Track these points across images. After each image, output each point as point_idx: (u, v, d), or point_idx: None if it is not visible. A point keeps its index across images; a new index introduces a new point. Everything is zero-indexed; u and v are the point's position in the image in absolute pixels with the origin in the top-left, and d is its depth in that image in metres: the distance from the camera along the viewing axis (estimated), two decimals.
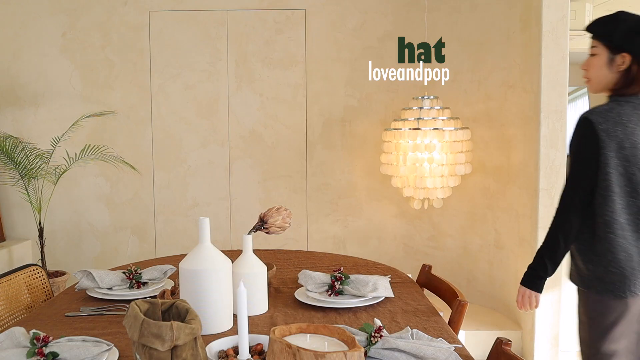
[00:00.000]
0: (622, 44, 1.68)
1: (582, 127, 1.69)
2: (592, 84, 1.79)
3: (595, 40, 1.74)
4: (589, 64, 1.77)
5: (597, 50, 1.73)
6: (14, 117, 4.08)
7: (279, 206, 2.26)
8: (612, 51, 1.70)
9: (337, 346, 1.15)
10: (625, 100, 1.71)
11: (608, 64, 1.72)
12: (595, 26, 1.74)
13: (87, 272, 1.87)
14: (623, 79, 1.70)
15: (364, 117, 4.06)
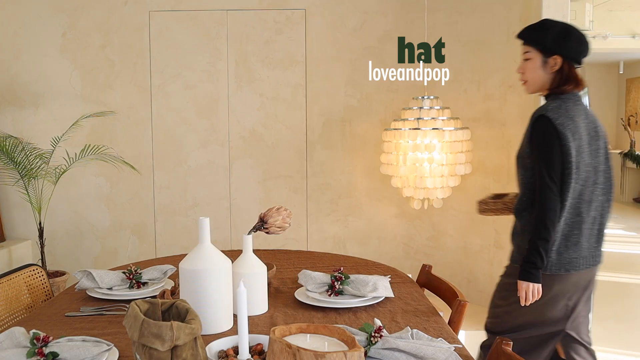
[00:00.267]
0: (553, 47, 1.89)
1: (541, 124, 1.84)
2: (528, 85, 1.98)
3: (528, 46, 1.94)
4: (524, 67, 1.95)
5: (530, 55, 1.93)
6: (14, 117, 4.08)
7: (279, 206, 2.26)
8: (544, 55, 1.91)
9: (337, 346, 1.15)
10: (567, 97, 1.90)
11: (542, 67, 1.92)
12: (527, 34, 1.94)
13: (87, 272, 1.87)
14: (558, 78, 1.91)
15: (364, 117, 4.06)
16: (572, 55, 1.91)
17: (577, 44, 1.92)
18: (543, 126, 1.84)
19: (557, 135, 1.81)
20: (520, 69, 1.98)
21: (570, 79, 1.90)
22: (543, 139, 1.84)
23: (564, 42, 1.89)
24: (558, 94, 1.91)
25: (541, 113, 1.85)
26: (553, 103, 1.88)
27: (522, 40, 1.96)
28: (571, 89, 1.90)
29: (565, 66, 1.90)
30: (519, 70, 1.98)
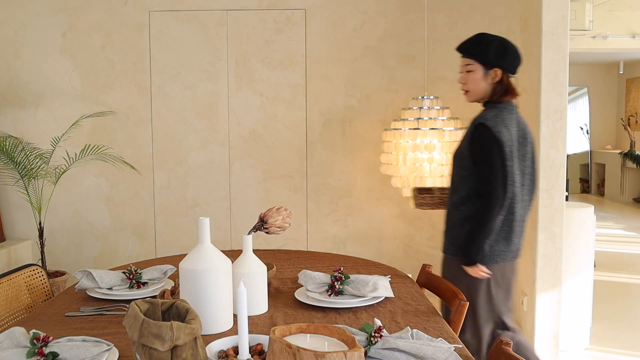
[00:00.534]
0: (494, 61, 2.08)
1: (481, 132, 2.04)
2: (470, 94, 2.17)
3: (470, 59, 2.11)
4: (466, 78, 2.14)
5: (472, 67, 2.11)
6: (14, 117, 4.08)
7: (279, 206, 2.26)
8: (486, 67, 2.10)
9: (337, 346, 1.15)
10: (503, 107, 2.10)
11: (484, 78, 2.11)
12: (469, 48, 2.12)
13: (87, 272, 1.87)
14: (498, 89, 2.11)
15: (364, 117, 4.06)
16: (510, 68, 2.11)
17: (514, 58, 2.12)
18: (483, 134, 2.03)
19: (495, 141, 2.01)
20: (462, 80, 2.15)
21: (509, 89, 2.11)
22: (483, 145, 2.03)
23: (504, 56, 2.09)
24: (496, 103, 2.11)
25: (481, 121, 2.05)
26: (491, 112, 2.09)
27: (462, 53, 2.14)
28: (508, 99, 2.11)
29: (505, 78, 2.10)
30: (461, 81, 2.16)
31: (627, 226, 7.35)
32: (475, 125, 2.07)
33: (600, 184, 9.99)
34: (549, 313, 3.14)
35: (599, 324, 3.73)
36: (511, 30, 3.47)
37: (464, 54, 2.13)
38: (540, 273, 3.12)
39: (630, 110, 9.59)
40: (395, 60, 4.04)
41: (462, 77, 2.16)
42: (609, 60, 9.27)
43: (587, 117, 10.05)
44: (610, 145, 9.95)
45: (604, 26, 6.71)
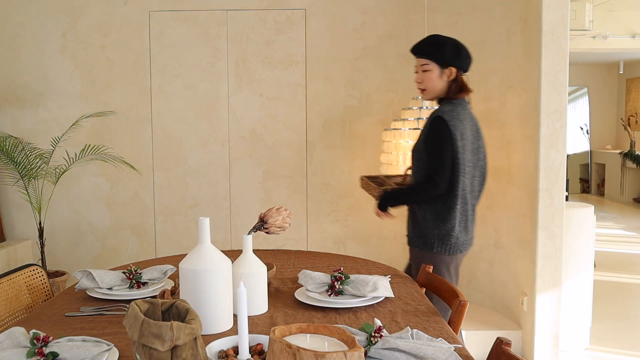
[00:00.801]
0: (450, 61, 2.26)
1: (438, 124, 2.18)
2: (427, 92, 2.31)
3: (426, 59, 2.27)
4: (423, 77, 2.29)
5: (429, 67, 2.27)
6: (14, 117, 4.09)
7: (279, 206, 2.26)
8: (441, 67, 2.26)
9: (337, 346, 1.15)
10: (458, 103, 2.27)
11: (440, 77, 2.27)
12: (426, 49, 2.27)
13: (87, 272, 1.87)
14: (453, 86, 2.27)
15: (364, 117, 4.06)
16: (463, 67, 2.30)
17: (466, 57, 2.32)
18: (439, 126, 2.18)
19: (449, 134, 2.16)
20: (419, 79, 2.30)
21: (463, 87, 2.29)
22: (438, 137, 2.18)
23: (458, 55, 2.27)
24: (451, 100, 2.27)
25: (438, 114, 2.20)
26: (447, 107, 2.24)
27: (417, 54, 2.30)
28: (462, 96, 2.29)
29: (458, 76, 2.28)
30: (418, 80, 2.30)
31: (627, 226, 7.35)
32: (433, 118, 2.21)
33: (600, 184, 9.99)
34: (549, 313, 3.14)
35: (599, 324, 3.74)
36: (511, 30, 3.47)
37: (421, 55, 2.28)
38: (540, 273, 3.12)
39: (630, 110, 9.59)
40: (395, 60, 4.04)
41: (419, 76, 2.30)
42: (609, 60, 9.27)
43: (587, 117, 10.05)
44: (610, 145, 9.95)
45: (604, 26, 6.71)
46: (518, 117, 3.40)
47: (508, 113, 3.53)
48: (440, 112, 2.21)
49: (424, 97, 2.35)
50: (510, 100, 3.51)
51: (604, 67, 9.93)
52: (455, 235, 2.23)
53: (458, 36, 3.86)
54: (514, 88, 3.45)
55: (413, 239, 2.33)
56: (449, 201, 2.20)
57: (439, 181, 2.16)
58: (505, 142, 3.56)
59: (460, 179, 2.18)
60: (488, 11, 3.66)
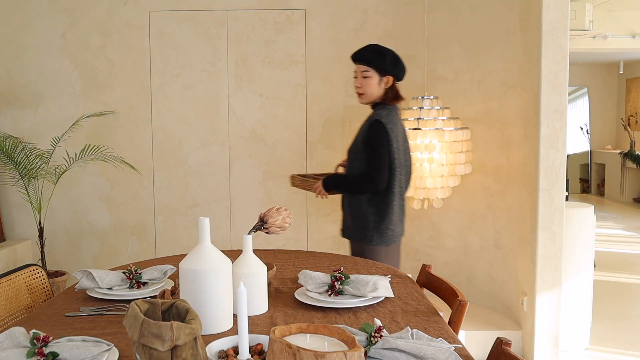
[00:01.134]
0: (389, 70, 2.45)
1: (378, 127, 2.40)
2: (365, 97, 2.50)
3: (367, 66, 2.45)
4: (363, 83, 2.48)
5: (369, 74, 2.46)
6: (14, 117, 4.09)
7: (279, 206, 2.25)
8: (380, 74, 2.46)
9: (337, 346, 1.15)
10: (392, 108, 2.50)
11: (378, 84, 2.47)
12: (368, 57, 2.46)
13: (87, 272, 1.87)
14: (389, 93, 2.49)
15: (364, 117, 4.05)
16: (400, 76, 2.50)
17: (402, 68, 2.51)
18: (378, 129, 2.39)
19: (387, 136, 2.39)
20: (359, 84, 2.49)
21: (397, 94, 2.50)
22: (377, 138, 2.39)
23: (396, 66, 2.47)
24: (386, 105, 2.48)
25: (376, 118, 2.41)
26: (384, 111, 2.45)
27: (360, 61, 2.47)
28: (396, 102, 2.50)
29: (394, 84, 2.49)
30: (357, 85, 2.49)
31: (627, 226, 7.35)
32: (372, 121, 2.42)
33: (600, 184, 9.99)
34: (549, 313, 3.14)
35: (599, 324, 3.74)
36: (511, 30, 3.47)
37: (363, 62, 2.47)
38: (540, 273, 3.12)
39: (630, 110, 9.59)
40: None
41: (359, 81, 2.49)
42: (609, 60, 9.27)
43: (587, 117, 10.05)
44: (610, 145, 9.95)
45: (604, 26, 6.71)
46: (518, 117, 3.41)
47: (508, 113, 3.53)
48: (378, 116, 2.42)
49: (360, 100, 2.54)
50: (510, 100, 3.51)
51: (604, 67, 9.93)
52: (392, 228, 2.48)
53: (458, 36, 3.88)
54: (514, 88, 3.46)
55: (353, 233, 2.53)
56: (387, 197, 2.45)
57: (380, 179, 2.39)
58: (505, 142, 3.56)
59: (397, 177, 2.44)
60: (488, 11, 3.66)
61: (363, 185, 2.44)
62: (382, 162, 2.39)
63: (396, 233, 2.52)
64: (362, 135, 2.45)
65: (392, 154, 2.41)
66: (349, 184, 2.52)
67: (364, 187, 2.44)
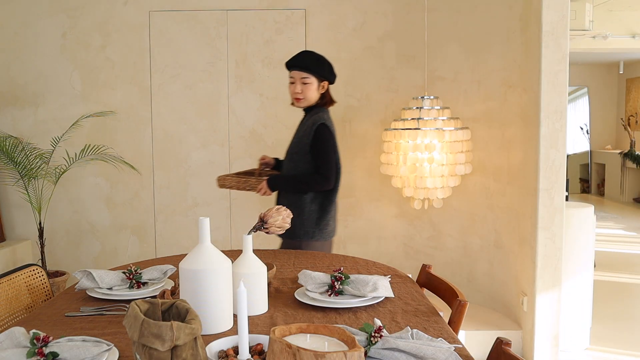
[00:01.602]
0: (327, 76, 2.61)
1: (324, 130, 2.57)
2: (303, 101, 2.63)
3: (307, 72, 2.57)
4: (303, 88, 2.60)
5: (310, 80, 2.58)
6: (14, 117, 4.09)
7: (279, 206, 2.25)
8: (319, 80, 2.60)
9: (337, 346, 1.15)
10: (327, 111, 2.67)
11: (317, 89, 2.61)
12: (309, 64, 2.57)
13: (87, 272, 1.87)
14: (326, 98, 2.65)
15: (364, 117, 4.06)
16: (333, 81, 2.66)
17: (334, 74, 2.67)
18: (324, 132, 2.55)
19: (332, 138, 2.58)
20: (299, 89, 2.60)
21: (331, 98, 2.68)
22: (325, 141, 2.56)
23: (331, 72, 2.63)
24: (322, 107, 2.64)
25: (321, 122, 2.56)
26: (324, 115, 2.61)
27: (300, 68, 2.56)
28: (329, 106, 2.67)
29: (329, 89, 2.66)
30: (297, 91, 2.60)
31: (627, 226, 7.35)
32: (318, 125, 2.56)
33: (600, 184, 9.99)
34: (549, 313, 3.14)
35: (599, 324, 3.74)
36: (511, 30, 3.47)
37: (303, 69, 2.56)
38: (540, 273, 3.12)
39: (630, 110, 9.59)
40: (395, 60, 4.04)
41: (298, 87, 2.60)
42: (609, 60, 9.27)
43: (587, 117, 10.05)
44: (610, 145, 9.95)
45: (604, 26, 6.71)
46: (518, 117, 3.41)
47: (508, 113, 3.53)
48: (321, 119, 2.57)
49: (297, 104, 2.67)
50: (510, 100, 3.51)
51: (604, 67, 9.93)
52: (332, 223, 2.67)
53: (458, 36, 3.88)
54: (514, 88, 3.46)
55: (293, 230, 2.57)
56: (331, 195, 2.63)
57: (331, 178, 2.55)
58: (505, 142, 3.56)
59: (339, 176, 2.62)
60: (488, 11, 3.66)
61: (314, 185, 2.57)
62: (331, 162, 2.56)
63: (333, 228, 2.71)
64: (308, 138, 2.58)
65: (337, 154, 2.61)
66: (299, 184, 2.61)
67: (314, 187, 2.57)
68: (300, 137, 2.64)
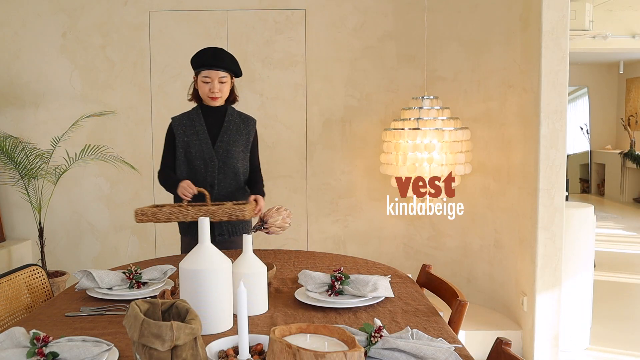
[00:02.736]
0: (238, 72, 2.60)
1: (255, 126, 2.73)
2: (221, 100, 2.57)
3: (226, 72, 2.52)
4: (222, 87, 2.53)
5: (226, 79, 2.54)
6: (14, 117, 4.08)
7: (279, 206, 2.26)
8: (232, 78, 2.58)
9: (337, 346, 1.15)
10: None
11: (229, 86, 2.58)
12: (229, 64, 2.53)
13: (87, 272, 1.87)
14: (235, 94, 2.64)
15: (364, 117, 4.06)
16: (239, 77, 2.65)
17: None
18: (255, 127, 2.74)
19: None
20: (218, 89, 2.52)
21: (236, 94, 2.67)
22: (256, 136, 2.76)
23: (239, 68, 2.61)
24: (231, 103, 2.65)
25: (253, 118, 2.72)
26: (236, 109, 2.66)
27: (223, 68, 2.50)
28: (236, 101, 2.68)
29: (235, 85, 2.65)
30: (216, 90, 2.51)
31: (627, 226, 7.35)
32: (252, 122, 2.70)
33: (600, 184, 9.98)
34: (549, 313, 3.15)
35: (599, 324, 3.74)
36: (511, 30, 3.47)
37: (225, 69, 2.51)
38: (540, 273, 3.12)
39: (630, 110, 9.59)
40: (395, 60, 4.04)
41: (217, 86, 2.51)
42: (609, 60, 9.27)
43: (587, 117, 10.05)
44: (610, 145, 9.95)
45: (604, 26, 6.71)
46: (518, 117, 3.41)
47: (508, 113, 3.53)
48: (250, 116, 2.71)
49: (214, 103, 2.56)
50: (510, 100, 3.51)
51: (604, 67, 9.93)
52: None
53: (458, 36, 3.88)
54: (514, 88, 3.46)
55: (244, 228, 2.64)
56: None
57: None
58: (505, 142, 3.56)
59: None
60: (488, 11, 3.66)
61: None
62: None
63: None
64: (246, 136, 2.66)
65: None
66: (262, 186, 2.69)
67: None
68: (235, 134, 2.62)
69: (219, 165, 2.57)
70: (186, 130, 2.58)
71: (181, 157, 2.61)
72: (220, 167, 2.57)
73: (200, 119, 2.58)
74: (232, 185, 2.60)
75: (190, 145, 2.57)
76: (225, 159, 2.59)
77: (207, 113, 2.59)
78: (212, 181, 2.57)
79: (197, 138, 2.56)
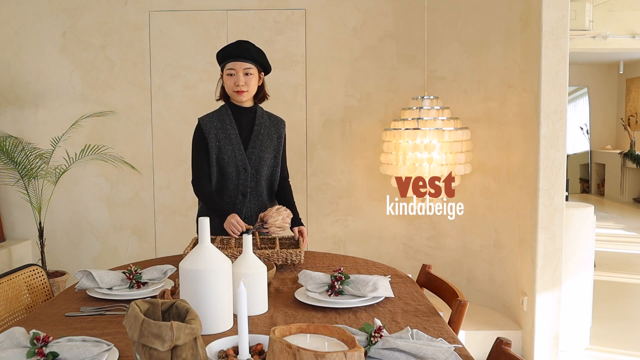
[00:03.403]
0: (268, 67, 2.44)
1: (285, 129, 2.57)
2: (247, 94, 2.37)
3: (252, 64, 2.37)
4: (247, 80, 2.35)
5: (252, 71, 2.36)
6: (14, 117, 4.08)
7: (279, 206, 2.26)
8: (259, 72, 2.41)
9: (337, 346, 1.15)
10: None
11: (257, 81, 2.40)
12: (255, 56, 2.40)
13: (87, 272, 1.87)
14: (264, 90, 2.48)
15: (364, 117, 4.06)
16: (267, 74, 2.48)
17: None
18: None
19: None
20: (243, 82, 2.34)
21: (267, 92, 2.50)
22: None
23: (269, 64, 2.46)
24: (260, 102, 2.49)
25: (283, 120, 2.56)
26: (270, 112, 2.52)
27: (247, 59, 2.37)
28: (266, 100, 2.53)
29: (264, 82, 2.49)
30: (242, 82, 2.34)
31: (627, 226, 7.35)
32: (283, 123, 2.57)
33: (600, 184, 9.98)
34: (549, 313, 3.15)
35: (599, 324, 3.74)
36: (511, 30, 3.47)
37: (250, 60, 2.37)
38: (540, 273, 3.12)
39: (630, 110, 9.59)
40: (395, 60, 4.04)
41: (242, 79, 2.33)
42: (609, 60, 9.27)
43: (587, 117, 10.05)
44: (610, 145, 9.95)
45: (604, 26, 6.72)
46: (518, 117, 3.41)
47: (508, 113, 3.53)
48: (279, 117, 2.56)
49: (241, 98, 2.37)
50: (510, 100, 3.51)
51: (604, 67, 9.93)
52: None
53: (458, 36, 3.88)
54: (514, 88, 3.46)
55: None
56: None
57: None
58: (505, 142, 3.56)
59: None
60: (488, 11, 3.66)
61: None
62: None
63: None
64: (277, 140, 2.54)
65: None
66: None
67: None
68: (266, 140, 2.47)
69: (252, 172, 2.41)
70: (218, 134, 2.36)
71: (212, 163, 2.37)
72: (253, 175, 2.41)
73: (231, 120, 2.38)
74: (264, 195, 2.45)
75: (222, 151, 2.35)
76: (258, 167, 2.43)
77: (237, 114, 2.40)
78: (245, 190, 2.40)
79: (229, 142, 2.36)
